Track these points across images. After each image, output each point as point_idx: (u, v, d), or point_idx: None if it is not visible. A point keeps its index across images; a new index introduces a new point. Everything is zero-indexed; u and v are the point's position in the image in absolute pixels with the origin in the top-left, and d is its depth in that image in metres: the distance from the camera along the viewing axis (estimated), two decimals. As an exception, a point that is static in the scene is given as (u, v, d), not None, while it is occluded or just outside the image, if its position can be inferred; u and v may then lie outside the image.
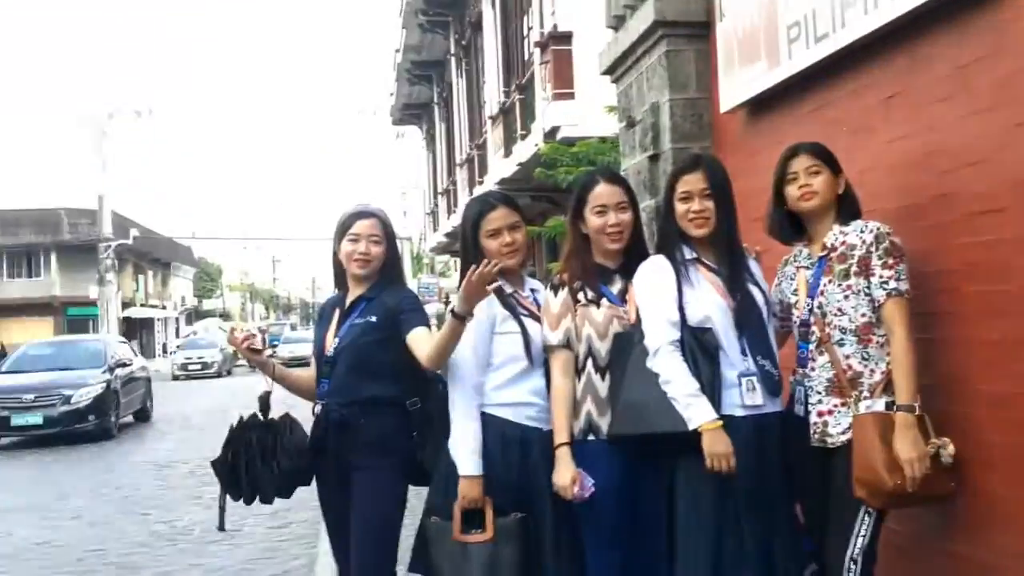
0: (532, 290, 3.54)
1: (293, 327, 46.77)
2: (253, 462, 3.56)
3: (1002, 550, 3.09)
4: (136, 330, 48.71)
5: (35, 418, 14.49)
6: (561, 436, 3.25)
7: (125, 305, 46.91)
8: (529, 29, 15.19)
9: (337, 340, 3.60)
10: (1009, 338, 3.01)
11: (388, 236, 3.70)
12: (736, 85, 4.71)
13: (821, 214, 3.32)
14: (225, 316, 68.32)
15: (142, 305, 52.59)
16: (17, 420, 14.51)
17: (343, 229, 3.66)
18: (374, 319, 3.55)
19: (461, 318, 3.14)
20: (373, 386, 3.51)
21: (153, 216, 54.83)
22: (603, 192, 3.42)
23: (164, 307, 58.93)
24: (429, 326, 3.54)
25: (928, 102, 3.39)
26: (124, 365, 16.37)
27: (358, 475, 3.51)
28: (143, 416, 17.50)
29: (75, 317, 43.36)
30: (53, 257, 46.54)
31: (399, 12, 22.82)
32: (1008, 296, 3.00)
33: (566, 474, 3.19)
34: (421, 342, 3.40)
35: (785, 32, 4.14)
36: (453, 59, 21.94)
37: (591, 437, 3.28)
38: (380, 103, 36.24)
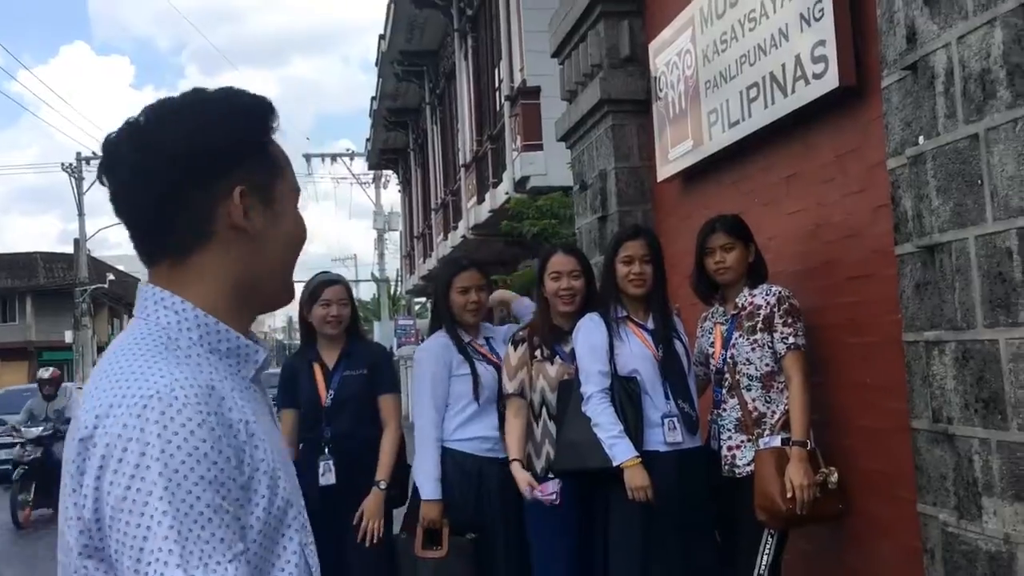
0: (487, 338, 4.10)
1: None
2: None
3: (879, 559, 3.68)
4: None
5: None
6: (513, 453, 3.80)
7: (100, 349, 46.88)
8: (500, 82, 15.77)
9: (332, 392, 4.15)
10: (877, 382, 3.62)
11: (351, 298, 4.29)
12: (669, 159, 5.35)
13: (734, 280, 3.90)
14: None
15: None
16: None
17: (314, 296, 4.20)
18: (365, 371, 4.17)
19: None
20: (372, 428, 4.14)
21: (133, 259, 54.81)
22: (559, 261, 3.98)
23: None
24: (398, 386, 4.16)
25: (816, 183, 4.02)
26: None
27: (359, 504, 4.04)
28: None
29: (50, 361, 43.26)
30: (28, 301, 46.45)
31: (376, 61, 23.46)
32: (875, 347, 3.62)
33: (522, 478, 3.73)
34: (389, 410, 4.17)
35: (706, 117, 4.78)
36: (428, 107, 22.59)
37: (551, 475, 3.82)
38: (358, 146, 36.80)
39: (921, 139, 3.05)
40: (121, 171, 1.20)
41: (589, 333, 3.84)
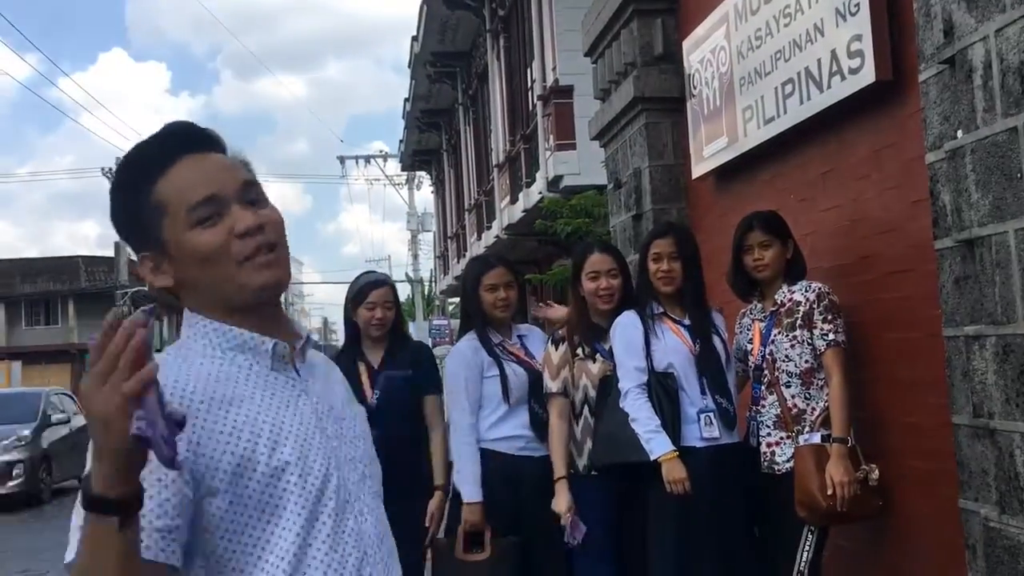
0: (520, 336, 4.11)
1: None
2: None
3: (921, 555, 3.65)
4: (153, 376, 49.11)
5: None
6: (559, 471, 3.79)
7: (142, 351, 47.26)
8: (532, 81, 15.77)
9: (377, 392, 4.14)
10: (918, 378, 3.59)
11: (396, 299, 4.31)
12: (704, 156, 5.34)
13: (772, 277, 3.89)
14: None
15: (158, 351, 52.98)
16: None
17: (359, 297, 4.21)
18: (411, 372, 4.18)
19: None
20: (414, 427, 4.14)
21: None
22: (596, 260, 3.98)
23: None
24: (441, 388, 4.20)
25: (853, 179, 4.01)
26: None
27: (402, 504, 4.05)
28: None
29: (92, 363, 43.73)
30: (70, 304, 47.12)
31: (408, 63, 23.56)
32: (916, 342, 3.60)
33: (563, 502, 3.74)
34: (434, 411, 4.19)
35: (741, 114, 4.78)
36: (461, 108, 22.65)
37: (593, 472, 3.83)
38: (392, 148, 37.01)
39: (960, 133, 3.03)
40: None
41: (624, 330, 3.86)
